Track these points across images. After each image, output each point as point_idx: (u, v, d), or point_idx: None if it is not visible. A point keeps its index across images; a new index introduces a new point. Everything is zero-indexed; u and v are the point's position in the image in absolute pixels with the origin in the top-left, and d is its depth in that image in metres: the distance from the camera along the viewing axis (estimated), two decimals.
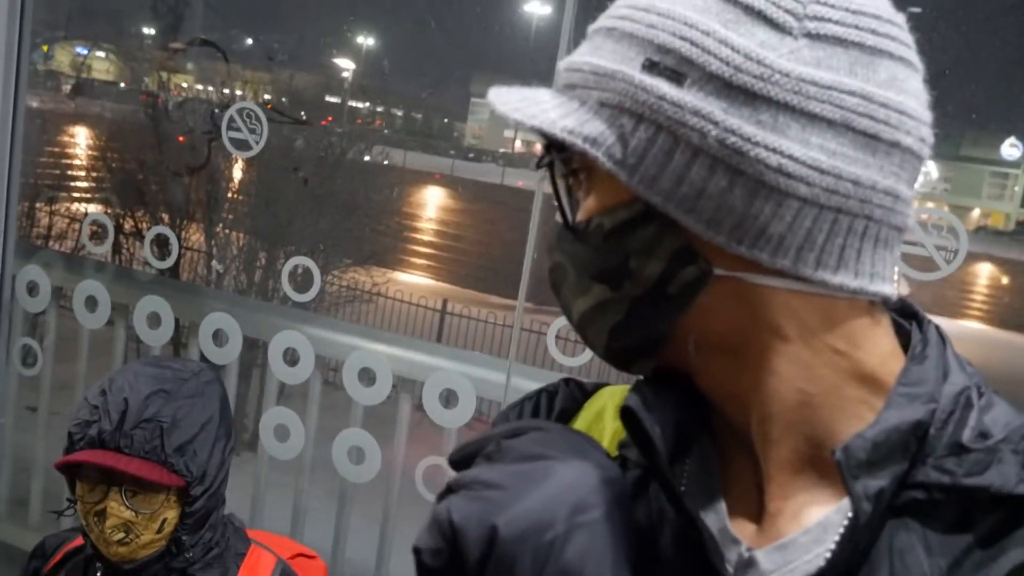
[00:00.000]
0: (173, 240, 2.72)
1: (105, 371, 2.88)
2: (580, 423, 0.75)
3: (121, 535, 1.39)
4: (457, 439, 2.39)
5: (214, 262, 5.35)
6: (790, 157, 0.56)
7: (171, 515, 1.40)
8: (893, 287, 0.62)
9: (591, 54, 0.63)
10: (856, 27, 0.58)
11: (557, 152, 0.64)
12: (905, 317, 0.66)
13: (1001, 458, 0.56)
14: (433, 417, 2.31)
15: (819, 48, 0.57)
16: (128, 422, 1.38)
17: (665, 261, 0.60)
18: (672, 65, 0.58)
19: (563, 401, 0.76)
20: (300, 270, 2.50)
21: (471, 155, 22.91)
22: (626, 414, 0.63)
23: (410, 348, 2.50)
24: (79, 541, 1.51)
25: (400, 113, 17.76)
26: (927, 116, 0.61)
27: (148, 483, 1.37)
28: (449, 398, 2.27)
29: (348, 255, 7.31)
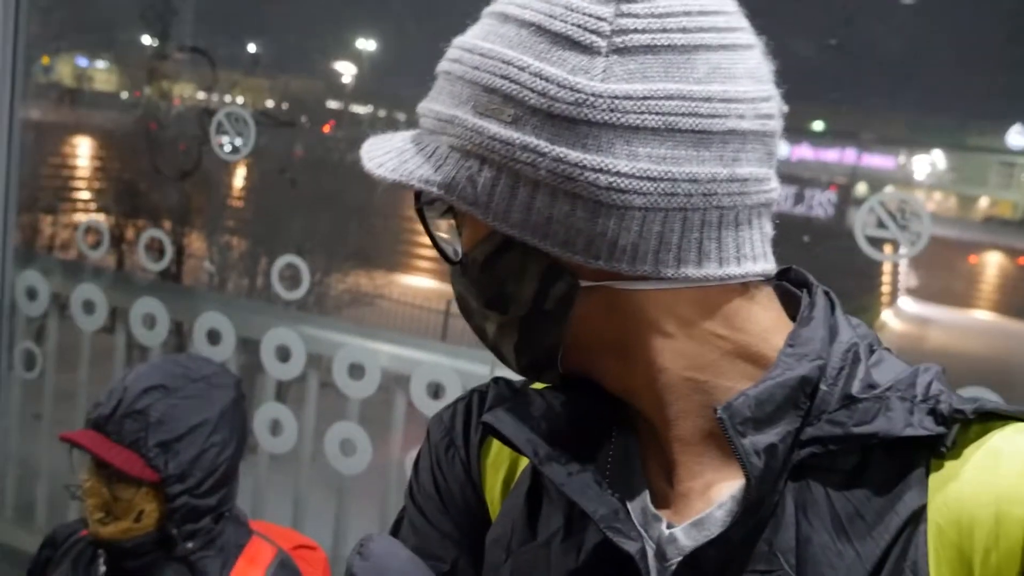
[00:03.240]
0: (166, 242, 2.77)
1: (106, 378, 2.95)
2: None
3: (100, 515, 1.44)
4: None
5: (206, 263, 5.43)
6: (618, 174, 0.58)
7: (149, 507, 1.44)
8: (765, 262, 0.64)
9: (435, 99, 0.66)
10: (664, 30, 0.59)
11: (424, 199, 0.67)
12: (797, 285, 0.68)
13: (889, 405, 0.59)
14: (422, 408, 2.36)
15: (629, 61, 0.58)
16: (120, 411, 1.43)
17: (537, 281, 0.63)
18: (498, 104, 0.60)
19: (492, 401, 0.78)
20: (292, 272, 2.56)
21: None
22: (488, 428, 0.66)
23: (401, 344, 2.55)
24: (86, 532, 1.56)
25: (403, 118, 17.73)
26: (765, 91, 0.63)
27: (123, 473, 1.41)
28: (437, 390, 2.31)
29: (348, 257, 7.37)
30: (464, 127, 0.62)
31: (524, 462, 0.74)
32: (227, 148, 2.43)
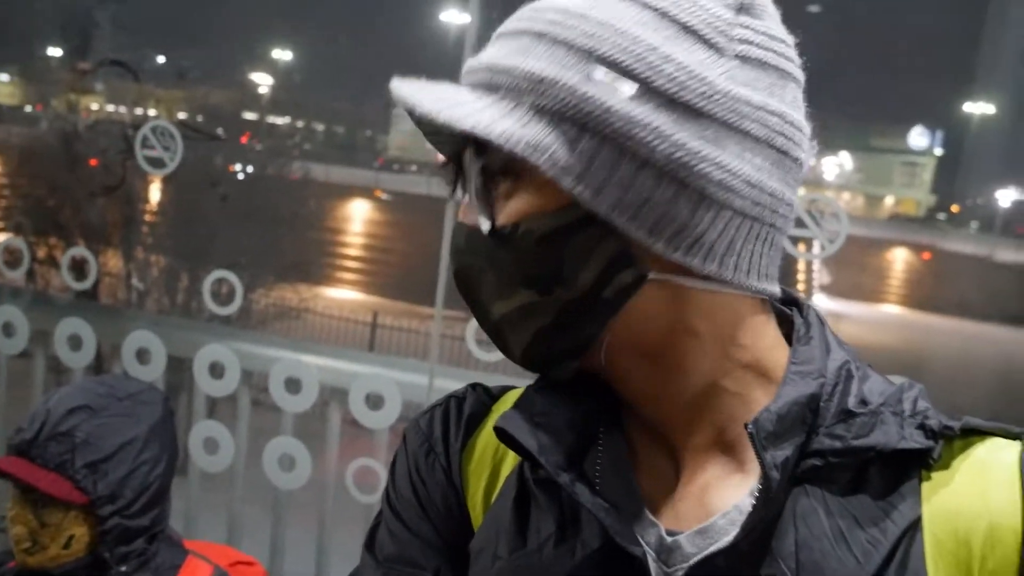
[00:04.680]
0: (91, 261, 2.70)
1: (25, 403, 2.85)
2: (489, 427, 0.75)
3: (27, 544, 1.39)
4: (389, 440, 2.44)
5: (134, 280, 5.29)
6: (730, 171, 0.60)
7: (79, 532, 1.40)
8: (777, 284, 0.68)
9: (520, 57, 0.62)
10: (774, 52, 0.63)
11: (481, 155, 0.64)
12: (785, 304, 0.71)
13: (883, 420, 0.63)
14: (360, 419, 2.36)
15: (748, 70, 0.61)
16: (44, 434, 1.39)
17: (601, 266, 0.61)
18: (618, 77, 0.59)
19: (471, 407, 0.76)
20: (224, 287, 2.52)
21: (395, 167, 22.90)
22: (501, 433, 0.65)
23: (336, 357, 2.55)
24: (14, 563, 1.52)
25: (321, 127, 17.61)
26: (806, 125, 0.66)
27: (51, 497, 1.37)
28: (375, 401, 2.31)
29: (272, 271, 7.26)
30: (568, 92, 0.59)
31: (507, 467, 0.73)
32: (154, 162, 2.39)
